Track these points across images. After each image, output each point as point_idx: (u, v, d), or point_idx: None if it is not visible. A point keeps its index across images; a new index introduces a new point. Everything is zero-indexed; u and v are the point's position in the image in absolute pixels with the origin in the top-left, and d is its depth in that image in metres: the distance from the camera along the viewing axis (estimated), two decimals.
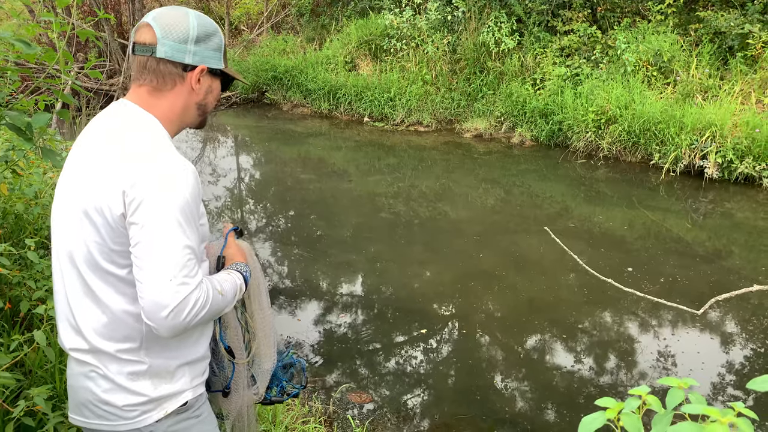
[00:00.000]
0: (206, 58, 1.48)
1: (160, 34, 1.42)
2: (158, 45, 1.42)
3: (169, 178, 1.32)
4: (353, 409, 3.39)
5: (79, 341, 1.40)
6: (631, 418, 0.96)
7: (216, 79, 1.54)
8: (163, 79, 1.45)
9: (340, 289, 4.91)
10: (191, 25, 1.44)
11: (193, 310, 1.31)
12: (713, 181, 7.03)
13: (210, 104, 1.55)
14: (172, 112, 1.48)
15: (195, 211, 1.36)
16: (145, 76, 1.45)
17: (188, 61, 1.45)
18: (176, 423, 1.45)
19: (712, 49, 8.32)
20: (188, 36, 1.44)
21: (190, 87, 1.48)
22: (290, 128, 10.19)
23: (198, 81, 1.48)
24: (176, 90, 1.47)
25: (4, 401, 1.74)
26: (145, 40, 1.43)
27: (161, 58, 1.43)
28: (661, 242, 5.61)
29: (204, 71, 1.48)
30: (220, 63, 1.52)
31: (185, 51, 1.44)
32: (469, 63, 9.88)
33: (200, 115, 1.55)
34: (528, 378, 3.72)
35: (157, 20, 1.43)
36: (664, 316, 4.39)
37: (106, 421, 1.41)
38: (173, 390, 1.43)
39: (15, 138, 2.65)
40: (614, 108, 7.95)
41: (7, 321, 2.32)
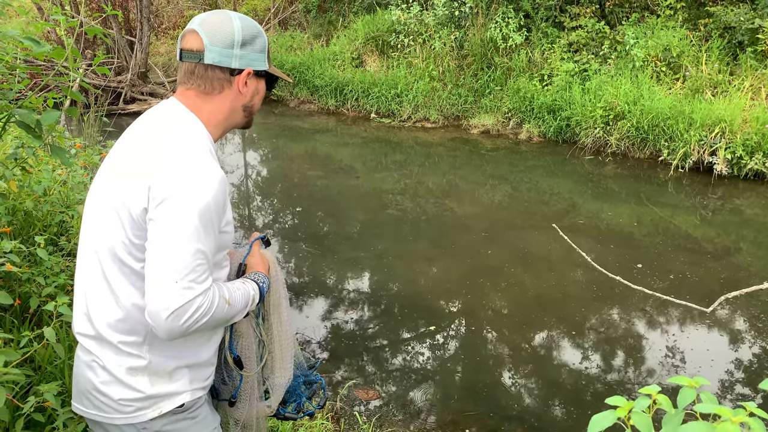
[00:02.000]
0: (252, 60, 1.50)
1: (207, 41, 1.44)
2: (206, 51, 1.44)
3: (195, 180, 1.33)
4: (360, 406, 3.40)
5: (87, 327, 1.43)
6: (642, 417, 0.95)
7: (261, 80, 1.56)
8: (212, 84, 1.48)
9: (348, 285, 4.91)
10: (236, 29, 1.46)
11: (194, 315, 1.30)
12: (722, 177, 6.98)
13: (256, 105, 1.58)
14: (219, 115, 1.51)
15: (215, 217, 1.36)
16: (193, 81, 1.47)
17: (235, 65, 1.47)
18: (171, 423, 1.45)
19: (722, 44, 8.25)
20: (234, 40, 1.46)
21: (237, 90, 1.50)
22: (297, 125, 10.19)
23: (245, 84, 1.51)
24: (224, 93, 1.49)
25: (14, 397, 1.75)
26: (192, 46, 1.45)
27: (209, 65, 1.45)
28: (669, 239, 5.58)
29: (250, 74, 1.51)
30: (264, 64, 1.54)
31: (232, 56, 1.46)
32: (477, 59, 9.84)
33: (247, 116, 1.57)
34: (535, 375, 3.72)
35: (203, 26, 1.45)
36: (672, 313, 4.37)
37: (102, 413, 1.42)
38: (170, 390, 1.43)
39: (24, 135, 2.66)
40: (623, 104, 7.90)
41: (17, 317, 2.33)
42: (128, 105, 10.90)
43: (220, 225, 1.40)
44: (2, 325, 2.25)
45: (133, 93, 11.24)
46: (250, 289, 1.52)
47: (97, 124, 5.89)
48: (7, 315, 2.30)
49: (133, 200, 1.34)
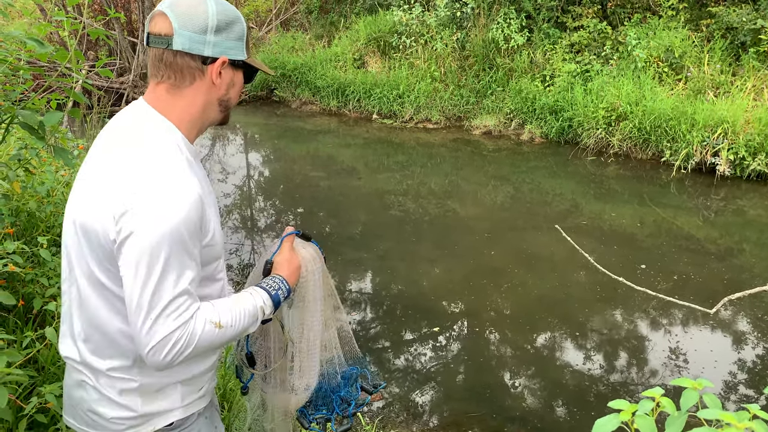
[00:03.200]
0: (228, 49, 1.35)
1: (177, 24, 1.29)
2: (175, 36, 1.29)
3: (160, 209, 1.22)
4: (363, 408, 3.40)
5: (74, 352, 1.38)
6: (646, 421, 0.95)
7: (238, 71, 1.41)
8: (181, 74, 1.33)
9: (350, 286, 4.91)
10: (210, 12, 1.31)
11: (174, 349, 1.23)
12: (725, 178, 6.97)
13: (233, 99, 1.43)
14: (192, 112, 1.37)
15: (191, 239, 1.26)
16: (162, 72, 1.33)
17: (208, 53, 1.32)
18: None
19: (724, 45, 8.24)
20: (207, 25, 1.31)
21: (211, 81, 1.36)
22: (299, 126, 10.19)
23: (219, 74, 1.36)
24: (195, 86, 1.35)
25: (18, 398, 1.75)
26: (161, 30, 1.30)
27: (178, 51, 1.30)
28: (672, 240, 5.57)
29: (225, 63, 1.36)
30: (242, 53, 1.39)
31: (204, 42, 1.31)
32: (478, 59, 9.84)
33: (222, 111, 1.43)
34: (538, 376, 3.71)
35: (173, 8, 1.30)
36: (676, 314, 4.36)
37: (93, 430, 1.40)
38: (162, 407, 1.40)
39: (27, 137, 2.66)
40: (625, 104, 7.90)
41: (20, 318, 2.34)
42: None
43: (200, 244, 1.30)
44: (5, 325, 2.26)
45: (135, 94, 11.25)
46: (258, 301, 1.39)
47: (100, 126, 5.91)
48: (11, 316, 2.31)
49: (101, 228, 1.25)
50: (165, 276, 1.21)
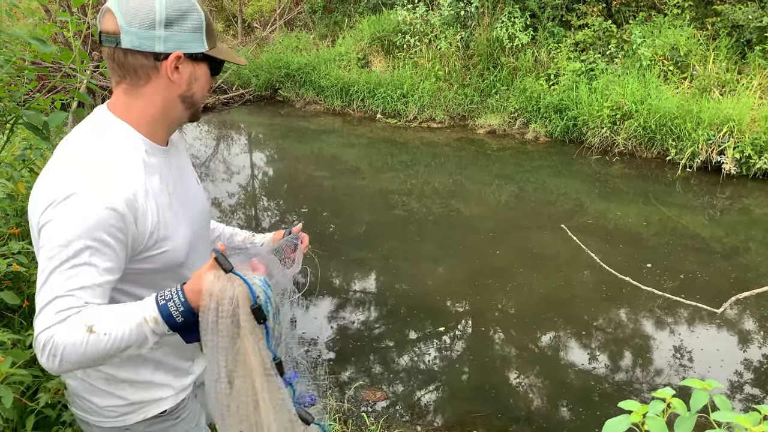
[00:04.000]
0: (182, 42, 1.26)
1: (123, 21, 1.21)
2: (122, 34, 1.22)
3: (78, 203, 1.16)
4: (368, 407, 3.39)
5: None
6: (657, 422, 0.94)
7: (200, 63, 1.31)
8: (135, 74, 1.26)
9: (354, 286, 4.91)
10: (158, 5, 1.22)
11: (44, 353, 1.11)
12: (731, 176, 6.94)
13: (198, 94, 1.35)
14: (151, 112, 1.31)
15: (101, 240, 1.17)
16: (117, 72, 1.27)
17: (159, 49, 1.24)
18: (154, 424, 1.44)
19: (730, 43, 8.20)
20: (155, 19, 1.22)
21: (167, 79, 1.27)
22: (303, 125, 10.19)
23: (176, 70, 1.27)
24: (152, 84, 1.28)
25: (23, 397, 1.75)
26: (108, 28, 1.23)
27: (128, 49, 1.23)
28: (678, 239, 5.55)
29: (181, 58, 1.27)
30: (201, 45, 1.30)
31: (154, 38, 1.23)
32: (483, 59, 9.82)
33: (188, 108, 1.35)
34: (543, 376, 3.70)
35: (120, 4, 1.22)
36: (682, 313, 4.34)
37: (89, 415, 1.43)
38: (154, 396, 1.42)
39: (32, 137, 2.67)
40: (630, 103, 7.87)
41: (25, 318, 2.34)
42: None
43: (127, 249, 1.22)
44: (11, 326, 2.26)
45: None
46: (144, 310, 1.17)
47: None
48: (16, 316, 2.31)
49: (35, 222, 1.20)
50: (59, 271, 1.13)
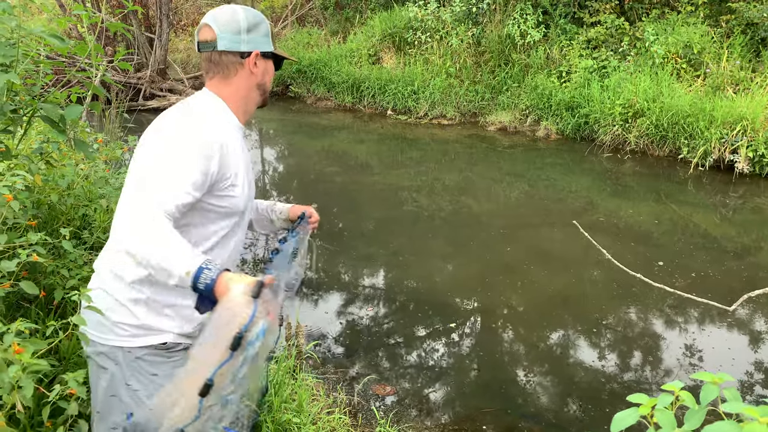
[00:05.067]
0: (258, 44, 1.74)
1: (218, 31, 1.69)
2: (218, 40, 1.70)
3: (185, 127, 1.60)
4: (377, 401, 3.41)
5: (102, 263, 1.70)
6: (665, 415, 0.95)
7: (269, 60, 1.80)
8: (227, 68, 1.73)
9: (364, 281, 4.93)
10: (241, 18, 1.72)
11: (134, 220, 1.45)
12: (743, 175, 6.89)
13: (268, 83, 1.82)
14: (238, 95, 1.76)
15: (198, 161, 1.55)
16: (212, 69, 1.73)
17: (243, 48, 1.72)
18: (151, 355, 1.63)
19: (744, 41, 8.13)
20: (240, 27, 1.71)
21: (249, 71, 1.74)
22: (314, 121, 10.22)
23: (255, 64, 1.75)
24: (239, 75, 1.74)
25: (41, 386, 1.78)
26: (207, 38, 1.71)
27: (222, 51, 1.71)
28: (689, 237, 5.52)
29: (258, 55, 1.74)
30: (269, 46, 1.78)
31: (240, 41, 1.71)
32: (494, 55, 9.80)
33: (262, 94, 1.82)
34: (553, 372, 3.70)
35: (214, 20, 1.71)
36: (693, 311, 4.32)
37: (101, 334, 1.63)
38: (160, 326, 1.63)
39: (48, 130, 2.70)
40: (642, 101, 7.82)
41: (42, 309, 2.38)
42: (148, 101, 11.01)
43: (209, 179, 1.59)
44: (28, 316, 2.30)
45: (153, 89, 11.34)
46: (192, 256, 1.37)
47: (118, 120, 5.96)
48: (33, 306, 2.34)
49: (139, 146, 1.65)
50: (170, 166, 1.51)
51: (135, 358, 1.64)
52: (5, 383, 1.35)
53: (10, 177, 1.89)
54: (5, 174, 1.91)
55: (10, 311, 2.30)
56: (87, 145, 2.63)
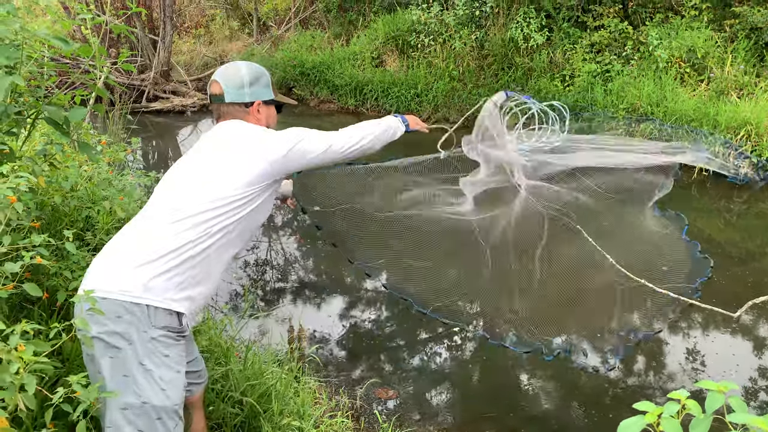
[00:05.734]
0: (260, 94, 2.14)
1: (225, 87, 2.10)
2: (225, 94, 2.10)
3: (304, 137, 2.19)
4: (379, 405, 3.40)
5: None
6: (672, 423, 0.94)
7: (271, 106, 2.20)
8: (236, 115, 2.12)
9: (366, 284, 4.92)
10: (244, 74, 2.11)
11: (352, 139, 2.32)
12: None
13: (272, 124, 2.22)
14: None
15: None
16: (225, 116, 2.13)
17: (247, 100, 2.12)
18: (165, 336, 1.75)
19: (748, 45, 8.12)
20: (243, 82, 2.11)
21: (254, 117, 2.15)
22: (317, 124, 10.21)
23: (258, 111, 2.15)
24: (247, 120, 2.13)
25: (44, 388, 1.78)
26: (216, 92, 2.12)
27: (229, 102, 2.11)
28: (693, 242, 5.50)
29: (260, 104, 2.15)
30: (270, 95, 2.18)
31: (244, 94, 2.11)
32: (497, 59, 9.79)
33: None
34: (555, 377, 3.69)
35: (221, 77, 2.12)
36: (697, 318, 4.30)
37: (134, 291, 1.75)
38: (182, 296, 1.81)
39: (52, 132, 2.70)
40: (645, 105, 7.81)
41: (44, 310, 2.38)
42: (151, 103, 11.02)
43: None
44: (30, 317, 2.29)
45: (156, 91, 11.35)
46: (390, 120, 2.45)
47: (122, 122, 5.97)
48: (36, 308, 2.34)
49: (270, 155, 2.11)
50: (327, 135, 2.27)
51: (151, 338, 1.72)
52: (6, 382, 1.35)
53: (14, 178, 1.89)
54: (9, 175, 1.91)
55: (13, 312, 2.30)
56: (90, 147, 2.63)
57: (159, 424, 1.72)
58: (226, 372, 2.72)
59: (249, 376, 2.76)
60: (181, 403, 1.80)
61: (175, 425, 1.77)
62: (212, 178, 1.92)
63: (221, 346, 2.92)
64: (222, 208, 1.88)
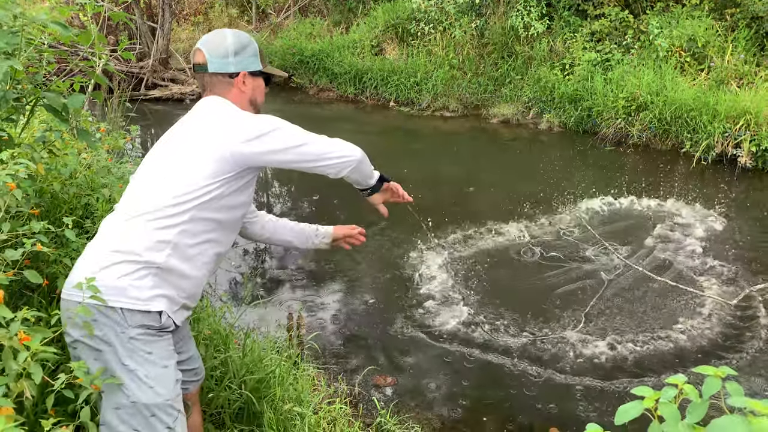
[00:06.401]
0: (246, 65, 1.94)
1: (208, 55, 1.91)
2: (208, 63, 1.91)
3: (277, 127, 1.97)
4: (378, 391, 3.43)
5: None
6: (670, 408, 0.95)
7: (258, 77, 2.00)
8: (220, 87, 1.94)
9: (365, 273, 4.93)
10: (229, 43, 1.92)
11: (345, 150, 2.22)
12: (746, 170, 6.88)
13: (259, 98, 2.02)
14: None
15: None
16: (208, 87, 1.95)
17: (231, 70, 1.93)
18: (144, 335, 1.71)
19: (749, 35, 8.09)
20: (228, 51, 1.92)
21: (239, 89, 1.95)
22: (317, 112, 10.20)
23: (243, 83, 1.94)
24: (231, 93, 1.94)
25: (46, 374, 1.79)
26: (199, 61, 1.93)
27: (213, 73, 1.92)
28: (692, 231, 5.52)
29: (246, 75, 1.95)
30: (257, 65, 1.98)
31: (228, 63, 1.92)
32: (497, 47, 9.76)
33: (254, 109, 2.00)
34: (555, 364, 3.71)
35: (205, 45, 1.93)
36: (696, 305, 4.32)
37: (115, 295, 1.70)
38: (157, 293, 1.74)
39: (51, 119, 2.70)
40: (645, 94, 7.80)
41: (44, 297, 2.38)
42: (150, 90, 10.98)
43: None
44: (30, 304, 2.30)
45: (155, 79, 11.31)
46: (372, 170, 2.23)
47: (120, 109, 5.96)
48: (35, 295, 2.35)
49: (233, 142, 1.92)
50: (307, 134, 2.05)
51: (129, 338, 1.68)
52: (13, 371, 1.35)
53: (13, 165, 1.89)
54: (8, 162, 1.90)
55: (13, 299, 2.30)
56: (90, 135, 2.63)
57: (155, 421, 1.69)
58: (225, 359, 2.73)
59: (248, 363, 2.77)
60: (175, 397, 1.76)
61: (174, 419, 1.73)
62: (173, 170, 1.78)
63: (220, 334, 2.93)
64: (181, 205, 1.75)
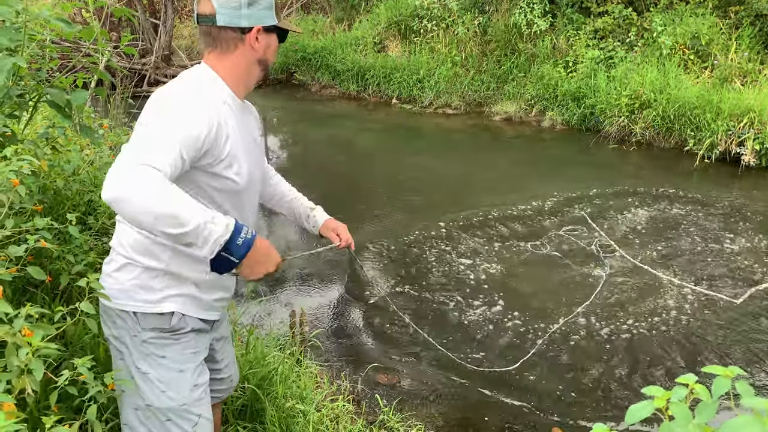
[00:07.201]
0: (261, 18, 1.65)
1: (217, 5, 1.60)
2: (217, 15, 1.60)
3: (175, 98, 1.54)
4: (381, 389, 3.42)
5: None
6: (681, 408, 0.94)
7: (272, 34, 1.71)
8: (226, 44, 1.64)
9: (366, 270, 4.92)
10: None
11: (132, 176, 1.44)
12: (750, 168, 6.86)
13: (271, 58, 1.73)
14: (237, 70, 1.66)
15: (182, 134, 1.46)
16: (211, 43, 1.65)
17: (244, 24, 1.63)
18: (157, 338, 1.65)
19: (753, 32, 8.07)
20: (241, 2, 1.61)
21: (250, 46, 1.65)
22: (319, 109, 10.18)
23: (257, 39, 1.65)
24: (239, 50, 1.65)
25: (48, 370, 1.78)
26: (205, 11, 1.61)
27: (221, 26, 1.61)
28: (696, 230, 5.50)
29: (260, 30, 1.65)
30: (273, 20, 1.69)
31: (240, 16, 1.62)
32: (500, 45, 9.74)
33: (263, 69, 1.73)
34: (559, 362, 3.70)
35: None
36: (700, 304, 4.31)
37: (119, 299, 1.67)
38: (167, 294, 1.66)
39: (53, 115, 2.69)
40: (648, 92, 7.78)
41: (47, 293, 2.38)
42: (152, 87, 10.97)
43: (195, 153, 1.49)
44: (33, 300, 2.30)
45: (157, 75, 11.31)
46: (219, 216, 1.43)
47: (123, 106, 5.95)
48: (39, 291, 2.34)
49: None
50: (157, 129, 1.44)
51: (142, 341, 1.65)
52: (15, 367, 1.35)
53: (17, 162, 1.88)
54: (12, 159, 1.90)
55: (16, 296, 2.30)
56: (92, 131, 2.62)
57: (171, 426, 1.66)
58: None
59: (251, 360, 2.77)
60: (194, 401, 1.69)
61: (193, 425, 1.68)
62: None
63: None
64: None
